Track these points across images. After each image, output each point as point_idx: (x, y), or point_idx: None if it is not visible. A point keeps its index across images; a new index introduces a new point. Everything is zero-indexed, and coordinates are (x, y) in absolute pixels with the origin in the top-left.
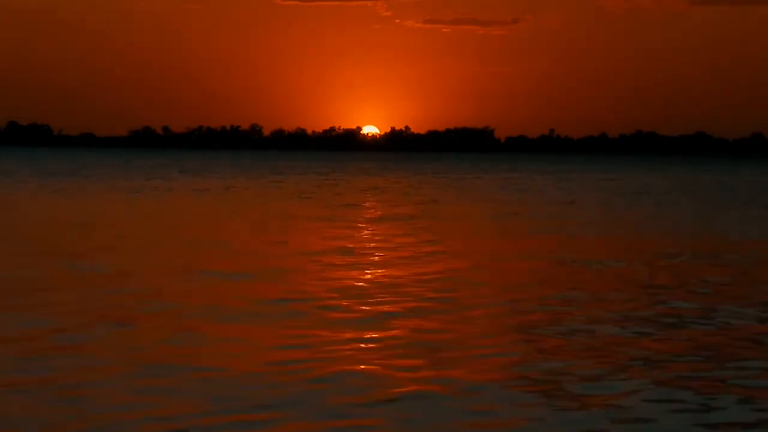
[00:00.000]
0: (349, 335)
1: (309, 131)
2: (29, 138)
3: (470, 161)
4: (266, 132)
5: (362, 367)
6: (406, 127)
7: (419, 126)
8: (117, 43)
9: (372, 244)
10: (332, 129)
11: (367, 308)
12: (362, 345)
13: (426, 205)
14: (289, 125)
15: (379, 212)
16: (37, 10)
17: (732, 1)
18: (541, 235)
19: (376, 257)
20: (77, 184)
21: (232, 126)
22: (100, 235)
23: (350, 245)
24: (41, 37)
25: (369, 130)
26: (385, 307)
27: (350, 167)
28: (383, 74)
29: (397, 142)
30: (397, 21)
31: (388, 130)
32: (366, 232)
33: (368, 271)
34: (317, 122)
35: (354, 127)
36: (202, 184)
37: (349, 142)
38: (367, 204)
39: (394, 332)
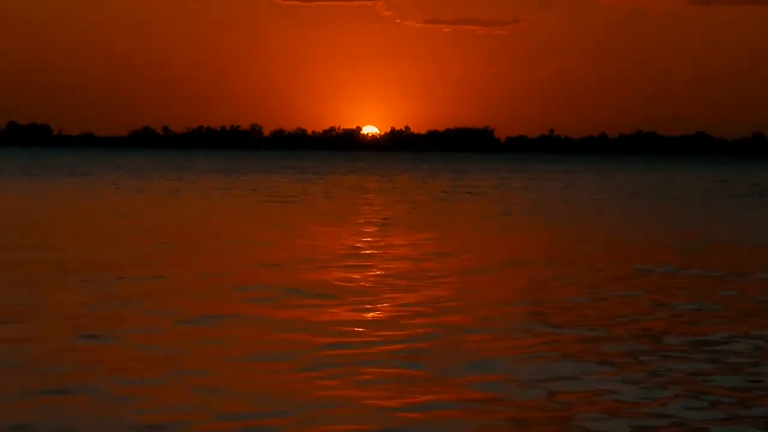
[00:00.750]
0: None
1: (309, 131)
2: (29, 138)
3: (478, 161)
4: (266, 132)
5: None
6: (406, 127)
7: (419, 126)
8: (117, 44)
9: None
10: (332, 129)
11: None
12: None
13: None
14: (289, 125)
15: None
16: (37, 11)
17: (732, 1)
18: (602, 236)
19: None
20: (174, 186)
21: (232, 126)
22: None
23: (441, 250)
24: (41, 37)
25: (369, 130)
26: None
27: (363, 168)
28: (383, 74)
29: (397, 142)
30: (398, 21)
31: (388, 130)
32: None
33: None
34: (317, 122)
35: (354, 127)
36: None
37: (349, 142)
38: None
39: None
